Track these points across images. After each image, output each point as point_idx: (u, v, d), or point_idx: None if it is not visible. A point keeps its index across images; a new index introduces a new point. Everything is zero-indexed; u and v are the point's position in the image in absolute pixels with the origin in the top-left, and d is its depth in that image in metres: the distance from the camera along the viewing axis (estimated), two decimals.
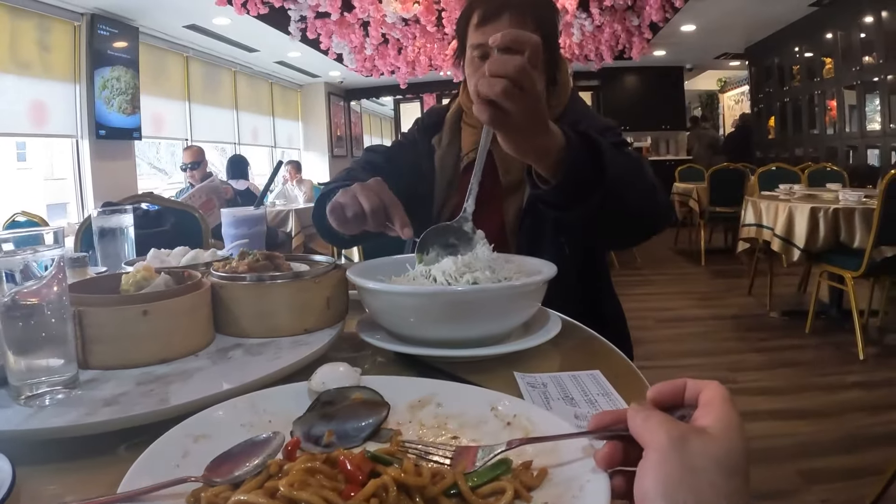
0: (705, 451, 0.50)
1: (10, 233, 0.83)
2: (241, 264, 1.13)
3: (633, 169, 1.31)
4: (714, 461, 0.49)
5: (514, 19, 1.58)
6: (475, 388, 0.79)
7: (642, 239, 1.48)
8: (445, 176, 1.76)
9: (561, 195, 1.20)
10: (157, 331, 0.95)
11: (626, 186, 1.24)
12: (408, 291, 1.02)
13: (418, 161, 1.80)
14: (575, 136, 1.17)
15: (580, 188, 1.17)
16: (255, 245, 1.50)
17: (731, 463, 0.50)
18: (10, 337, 0.81)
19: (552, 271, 1.08)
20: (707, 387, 0.57)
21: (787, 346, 4.69)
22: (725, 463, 0.50)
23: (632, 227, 1.40)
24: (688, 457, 0.50)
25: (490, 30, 1.59)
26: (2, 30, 6.60)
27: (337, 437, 0.68)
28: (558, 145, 1.14)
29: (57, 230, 0.85)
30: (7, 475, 0.61)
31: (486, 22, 1.61)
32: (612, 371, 0.97)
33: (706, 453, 0.50)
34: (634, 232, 1.45)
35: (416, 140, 1.86)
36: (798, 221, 4.69)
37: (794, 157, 10.51)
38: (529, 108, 1.02)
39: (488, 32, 1.57)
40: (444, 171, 1.76)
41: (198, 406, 0.76)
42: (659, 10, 7.86)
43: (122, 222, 1.63)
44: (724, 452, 0.50)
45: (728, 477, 0.49)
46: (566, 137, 1.15)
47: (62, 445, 0.76)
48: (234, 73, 11.71)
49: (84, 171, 7.81)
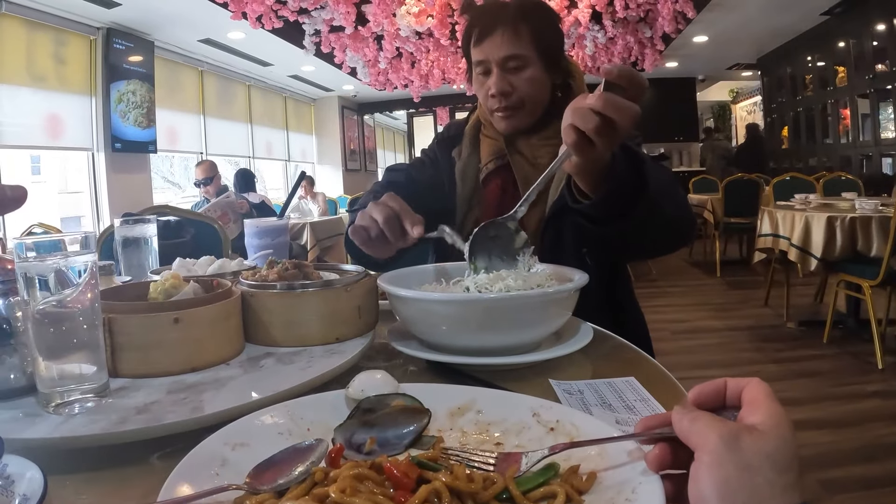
0: (758, 449, 0.50)
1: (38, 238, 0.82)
2: (270, 273, 1.12)
3: (670, 181, 1.36)
4: (767, 458, 0.49)
5: (507, 33, 1.63)
6: (515, 394, 0.78)
7: (672, 250, 1.52)
8: (466, 187, 1.75)
9: (602, 209, 1.23)
10: (188, 339, 0.94)
11: (664, 198, 1.27)
12: (441, 299, 1.01)
13: (439, 176, 1.80)
14: (619, 152, 1.19)
15: (621, 201, 1.21)
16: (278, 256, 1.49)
17: (783, 458, 0.49)
18: (41, 343, 0.81)
19: (584, 279, 1.07)
20: (749, 384, 0.57)
21: (804, 356, 4.65)
22: (778, 459, 0.49)
23: (666, 237, 1.44)
24: (741, 456, 0.49)
25: (486, 46, 1.66)
26: (18, 43, 6.66)
27: (379, 444, 0.67)
28: (605, 161, 1.18)
29: (88, 234, 0.84)
30: (39, 485, 0.60)
31: (482, 39, 1.67)
32: (645, 378, 0.97)
33: (759, 451, 0.49)
34: (667, 243, 1.48)
35: (436, 155, 1.87)
36: (815, 231, 4.66)
37: (808, 167, 10.47)
38: (614, 144, 1.08)
39: (485, 49, 1.66)
40: (465, 183, 1.76)
41: (233, 414, 0.75)
42: (671, 21, 7.86)
43: (145, 232, 1.63)
44: (776, 448, 0.50)
45: (782, 473, 0.49)
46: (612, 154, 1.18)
47: (92, 454, 0.75)
48: (249, 86, 11.79)
49: (100, 184, 7.85)
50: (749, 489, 0.48)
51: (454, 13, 7.40)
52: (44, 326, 0.80)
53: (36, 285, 0.79)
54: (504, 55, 1.63)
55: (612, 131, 1.03)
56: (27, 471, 0.62)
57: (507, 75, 1.65)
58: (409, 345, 1.07)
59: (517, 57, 1.63)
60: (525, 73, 1.65)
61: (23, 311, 0.81)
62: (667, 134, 14.13)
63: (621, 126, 1.03)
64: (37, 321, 0.80)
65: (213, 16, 7.40)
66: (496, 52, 1.63)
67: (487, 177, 1.76)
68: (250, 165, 11.49)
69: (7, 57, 6.48)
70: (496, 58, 1.64)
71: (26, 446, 0.67)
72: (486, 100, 1.70)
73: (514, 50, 1.62)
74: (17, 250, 0.80)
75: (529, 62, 1.64)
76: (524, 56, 1.63)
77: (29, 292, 0.79)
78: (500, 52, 1.63)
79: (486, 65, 1.67)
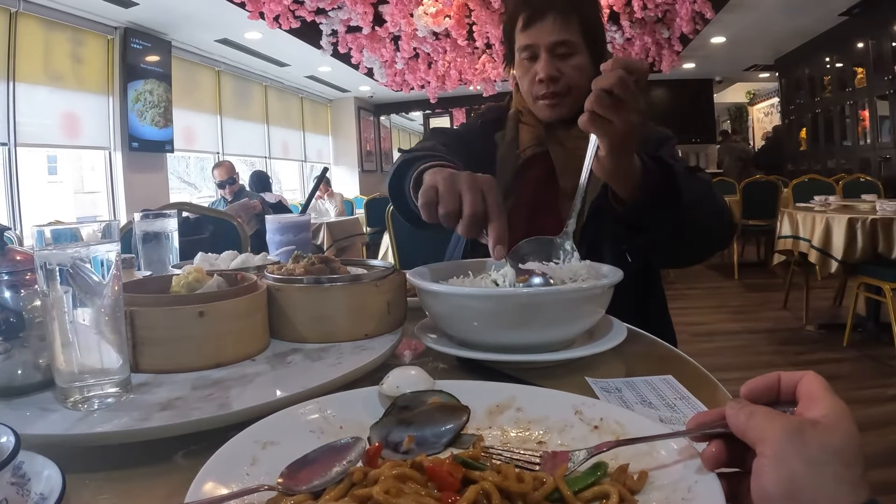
0: (824, 443, 0.48)
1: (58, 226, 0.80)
2: (296, 267, 1.10)
3: (704, 194, 1.37)
4: (834, 452, 0.48)
5: (558, 20, 1.61)
6: (555, 391, 0.75)
7: (707, 257, 1.56)
8: (504, 173, 1.73)
9: (636, 217, 1.28)
10: (213, 333, 0.92)
11: (698, 211, 1.31)
12: (473, 294, 0.99)
13: (477, 154, 1.76)
14: (651, 162, 1.24)
15: (655, 211, 1.24)
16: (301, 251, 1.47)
17: (850, 453, 0.48)
18: (60, 336, 0.78)
19: (618, 275, 1.04)
20: (804, 378, 0.55)
21: (824, 359, 4.61)
22: (845, 453, 0.48)
23: (701, 246, 1.47)
24: (807, 450, 0.48)
25: (535, 31, 1.63)
26: (36, 42, 6.71)
27: (417, 443, 0.65)
28: (638, 169, 1.22)
29: (112, 223, 0.81)
30: (57, 483, 0.58)
31: (531, 23, 1.64)
32: (683, 376, 0.94)
33: (825, 445, 0.48)
34: (702, 250, 1.51)
35: (477, 133, 1.84)
36: (835, 233, 4.62)
37: (827, 169, 10.41)
38: (628, 120, 1.09)
39: (534, 33, 1.64)
40: (504, 169, 1.74)
41: (261, 411, 0.73)
42: (689, 22, 7.83)
43: (166, 227, 1.61)
44: (842, 442, 0.48)
45: (849, 467, 0.47)
46: (643, 163, 1.23)
47: (113, 452, 0.73)
48: (265, 87, 11.86)
49: (117, 183, 7.91)
50: (817, 484, 0.46)
51: (471, 14, 7.39)
52: (63, 318, 0.77)
53: (56, 276, 0.76)
54: (554, 40, 1.61)
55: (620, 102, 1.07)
56: (44, 469, 0.60)
57: (555, 61, 1.63)
58: (439, 341, 1.04)
59: (566, 43, 1.62)
60: (573, 61, 1.63)
61: (41, 302, 0.79)
62: (684, 135, 14.06)
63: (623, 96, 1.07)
64: (55, 312, 0.77)
65: (231, 16, 7.42)
66: (546, 36, 1.61)
67: (524, 164, 1.74)
68: (266, 166, 11.58)
69: (25, 56, 6.52)
70: (546, 42, 1.62)
71: (43, 443, 0.65)
72: (532, 85, 1.68)
73: (564, 36, 1.61)
74: (37, 239, 0.77)
75: (577, 49, 1.63)
76: (573, 43, 1.62)
77: (48, 283, 0.77)
78: (551, 38, 1.61)
79: (533, 49, 1.65)
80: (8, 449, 0.55)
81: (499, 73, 9.74)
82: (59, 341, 0.78)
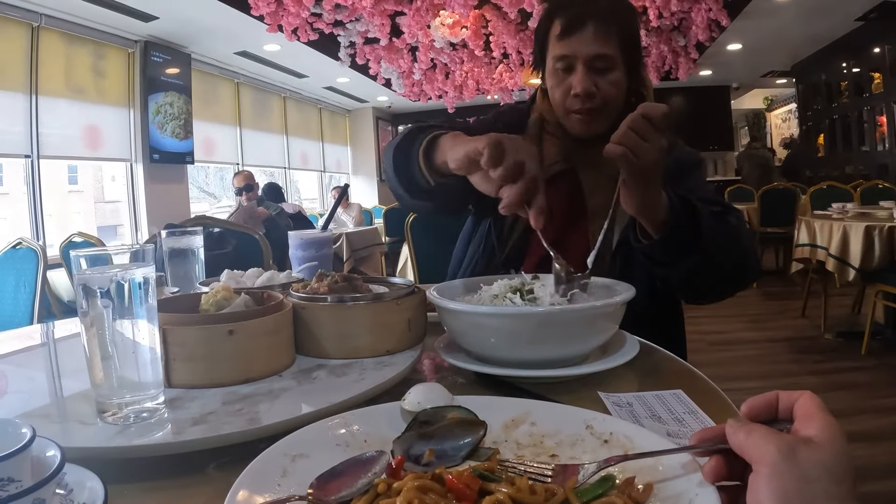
0: (815, 461, 0.50)
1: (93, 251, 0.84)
2: (320, 286, 1.14)
3: (729, 237, 1.36)
4: (825, 470, 0.50)
5: (598, 30, 1.53)
6: (568, 406, 0.78)
7: (727, 296, 1.51)
8: None
9: (659, 252, 1.29)
10: (242, 350, 0.96)
11: (720, 253, 1.31)
12: (491, 312, 1.02)
13: None
14: (677, 200, 1.25)
15: (676, 248, 1.26)
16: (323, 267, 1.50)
17: (840, 470, 0.50)
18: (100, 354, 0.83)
19: (630, 293, 1.08)
20: (801, 397, 0.58)
21: (842, 368, 4.59)
22: (835, 470, 0.50)
23: (721, 285, 1.46)
24: (800, 468, 0.50)
25: (574, 41, 1.55)
26: (57, 56, 6.80)
27: (437, 456, 0.68)
28: (665, 205, 1.24)
29: (146, 248, 0.86)
30: (99, 494, 0.61)
31: (569, 33, 1.56)
32: (693, 390, 0.97)
33: (817, 462, 0.50)
34: (723, 290, 1.49)
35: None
36: (853, 240, 4.62)
37: (845, 175, 10.32)
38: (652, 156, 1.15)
39: (572, 44, 1.55)
40: None
41: (289, 426, 0.77)
42: (705, 29, 7.82)
43: (192, 243, 1.65)
44: (832, 460, 0.51)
45: (839, 484, 0.50)
46: (668, 199, 1.25)
47: (148, 463, 0.77)
48: (284, 98, 11.90)
49: (138, 195, 7.98)
50: (808, 500, 0.49)
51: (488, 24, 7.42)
52: (104, 334, 0.82)
53: (97, 295, 0.81)
54: (593, 53, 1.53)
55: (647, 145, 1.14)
56: (87, 480, 0.63)
57: (592, 75, 1.55)
58: (457, 357, 1.08)
59: (605, 57, 1.54)
60: (611, 76, 1.56)
61: (82, 321, 0.83)
62: (702, 143, 13.98)
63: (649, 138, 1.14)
64: (94, 331, 0.82)
65: (250, 28, 7.48)
66: (585, 48, 1.54)
67: (550, 180, 1.61)
68: (285, 176, 11.65)
69: (47, 70, 6.60)
70: (584, 55, 1.54)
71: (82, 456, 0.68)
72: (565, 98, 1.59)
73: (603, 49, 1.53)
74: (75, 264, 0.82)
75: (615, 64, 1.56)
76: (611, 57, 1.55)
77: (88, 301, 0.81)
78: (590, 50, 1.53)
79: (569, 60, 1.56)
80: (54, 462, 0.58)
81: (515, 82, 9.75)
82: (98, 356, 0.82)
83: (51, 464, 0.58)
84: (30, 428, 0.58)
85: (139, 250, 0.85)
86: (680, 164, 1.57)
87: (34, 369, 1.30)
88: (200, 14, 7.16)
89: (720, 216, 1.36)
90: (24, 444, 0.56)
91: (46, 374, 1.25)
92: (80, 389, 0.93)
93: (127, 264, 0.84)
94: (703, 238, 1.26)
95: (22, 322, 3.85)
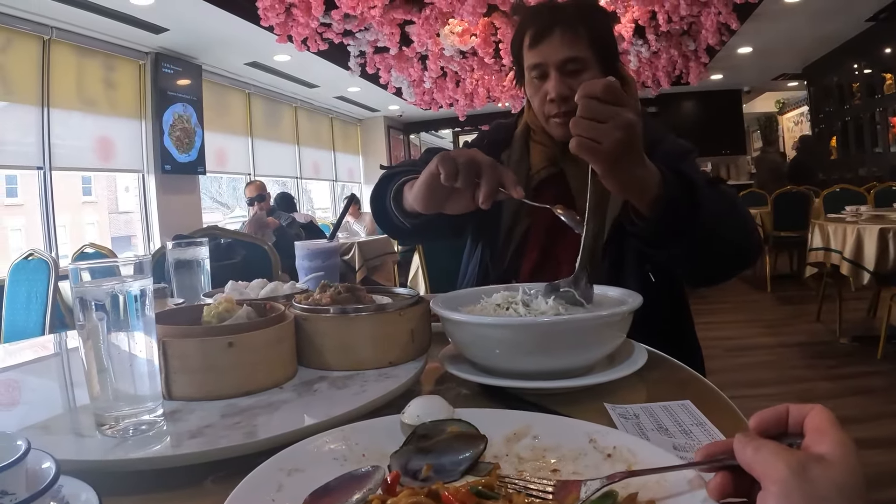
0: (827, 479, 0.48)
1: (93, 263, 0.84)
2: (323, 297, 1.13)
3: (727, 207, 1.34)
4: (837, 489, 0.48)
5: (566, 34, 1.57)
6: (571, 419, 0.77)
7: (733, 275, 1.50)
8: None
9: (656, 231, 1.24)
10: (242, 362, 0.96)
11: (720, 224, 1.28)
12: (495, 323, 1.01)
13: None
14: (670, 174, 1.21)
15: (675, 225, 1.21)
16: (330, 278, 1.50)
17: (853, 489, 0.49)
18: (97, 367, 0.82)
19: (638, 301, 1.06)
20: (812, 411, 0.55)
21: (858, 373, 4.56)
22: (848, 489, 0.48)
23: (725, 262, 1.43)
24: (811, 487, 0.48)
25: (544, 49, 1.59)
26: (69, 69, 6.86)
27: (435, 470, 0.67)
28: (656, 181, 1.19)
29: (144, 260, 0.85)
30: None
31: (538, 41, 1.60)
32: (701, 400, 0.95)
33: (830, 482, 0.48)
34: (727, 267, 1.47)
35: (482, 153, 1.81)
36: (867, 243, 4.59)
37: (858, 177, 10.26)
38: (617, 135, 1.08)
39: (542, 51, 1.60)
40: None
41: (287, 439, 0.76)
42: (715, 33, 7.78)
43: (197, 254, 1.64)
44: (845, 479, 0.49)
45: (852, 503, 0.48)
46: (662, 174, 1.20)
47: (145, 476, 0.76)
48: (295, 108, 11.95)
49: (150, 205, 8.04)
50: None
51: (497, 32, 7.42)
52: (98, 347, 0.82)
53: (92, 307, 0.81)
54: (563, 58, 1.57)
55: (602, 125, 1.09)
56: (82, 492, 0.63)
57: (565, 79, 1.58)
58: (461, 368, 1.06)
59: (576, 59, 1.57)
60: (584, 76, 1.58)
61: (79, 333, 0.83)
62: (714, 147, 13.94)
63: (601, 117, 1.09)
64: (91, 344, 0.82)
65: (260, 39, 7.51)
66: (555, 54, 1.57)
67: (539, 185, 1.71)
68: (297, 186, 11.70)
69: (59, 82, 6.66)
70: (554, 60, 1.58)
71: (79, 468, 0.68)
72: (543, 105, 1.64)
73: (573, 52, 1.57)
74: (73, 276, 0.82)
75: (588, 65, 1.59)
76: (583, 59, 1.58)
77: (84, 314, 0.81)
78: (559, 55, 1.57)
79: (542, 68, 1.61)
80: (49, 474, 0.58)
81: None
82: (95, 368, 0.82)
83: (45, 476, 0.58)
84: (24, 440, 0.58)
85: (138, 262, 0.85)
86: (670, 156, 1.56)
87: (39, 380, 1.31)
88: (210, 26, 7.20)
89: (714, 185, 1.38)
90: (19, 456, 0.56)
91: (50, 386, 1.25)
92: (82, 401, 0.93)
93: (124, 276, 0.83)
94: (700, 207, 1.22)
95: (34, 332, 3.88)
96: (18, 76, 6.29)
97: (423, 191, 1.30)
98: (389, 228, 1.66)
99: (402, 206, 1.49)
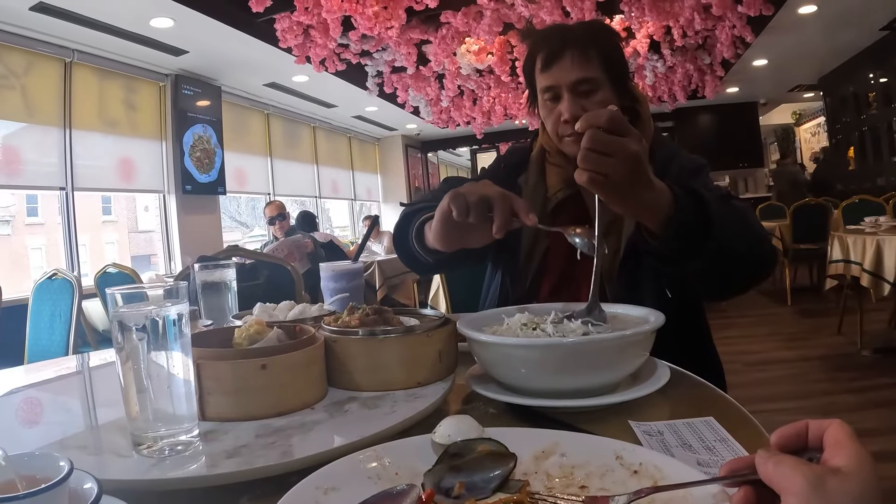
0: (844, 491, 0.50)
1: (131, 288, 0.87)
2: (352, 319, 1.15)
3: (739, 221, 1.34)
4: (853, 499, 0.50)
5: (577, 56, 1.59)
6: (597, 437, 0.79)
7: (750, 287, 1.49)
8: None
9: (669, 249, 1.26)
10: (275, 384, 0.98)
11: (733, 238, 1.28)
12: (521, 344, 1.03)
13: None
14: (681, 192, 1.23)
15: (687, 242, 1.23)
16: (354, 299, 1.52)
17: (869, 499, 0.50)
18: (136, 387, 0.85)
19: (660, 320, 1.08)
20: (831, 426, 0.57)
21: (880, 385, 4.52)
22: (864, 499, 0.50)
23: (741, 275, 1.42)
24: (828, 499, 0.50)
25: (556, 71, 1.61)
26: (91, 91, 6.98)
27: (467, 488, 0.68)
28: (667, 201, 1.21)
29: (180, 285, 0.88)
30: None
31: (550, 64, 1.62)
32: (724, 417, 0.96)
33: (846, 493, 0.50)
34: (743, 279, 1.46)
35: (500, 178, 1.77)
36: (887, 254, 4.55)
37: (877, 187, 10.14)
38: (623, 169, 1.11)
39: (554, 74, 1.61)
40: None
41: (321, 459, 0.78)
42: (730, 47, 7.79)
43: (225, 276, 1.67)
44: (861, 489, 0.50)
45: None
46: (673, 193, 1.21)
47: (182, 495, 0.79)
48: (314, 128, 12.04)
49: (171, 225, 8.12)
50: None
51: (513, 50, 7.45)
52: (139, 367, 0.84)
53: (132, 329, 0.83)
54: (575, 79, 1.58)
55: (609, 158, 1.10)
56: None
57: (578, 99, 1.59)
58: (488, 388, 1.08)
59: (588, 80, 1.58)
60: (596, 97, 1.59)
61: (118, 354, 0.85)
62: (731, 160, 13.90)
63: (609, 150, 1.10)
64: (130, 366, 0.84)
65: (278, 60, 7.60)
66: (566, 76, 1.59)
67: (557, 207, 1.73)
68: (316, 205, 11.76)
69: (80, 104, 6.77)
70: (567, 82, 1.59)
71: (119, 488, 0.70)
72: (557, 126, 1.65)
73: (584, 73, 1.58)
74: (110, 302, 0.85)
75: (600, 85, 1.60)
76: (595, 79, 1.59)
77: (123, 335, 0.84)
78: (571, 76, 1.58)
79: (555, 90, 1.62)
80: (92, 494, 0.60)
81: None
82: (134, 389, 0.84)
83: (88, 496, 0.60)
84: (67, 461, 0.60)
85: (173, 287, 0.87)
86: (683, 172, 1.58)
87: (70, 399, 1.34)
88: (229, 48, 7.28)
89: (725, 199, 1.39)
90: (63, 476, 0.57)
91: (82, 405, 1.28)
92: (114, 420, 0.95)
93: (161, 301, 0.86)
94: (713, 224, 1.23)
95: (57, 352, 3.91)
96: (41, 98, 6.39)
97: (439, 230, 1.34)
98: (414, 265, 1.70)
99: (425, 243, 1.53)
